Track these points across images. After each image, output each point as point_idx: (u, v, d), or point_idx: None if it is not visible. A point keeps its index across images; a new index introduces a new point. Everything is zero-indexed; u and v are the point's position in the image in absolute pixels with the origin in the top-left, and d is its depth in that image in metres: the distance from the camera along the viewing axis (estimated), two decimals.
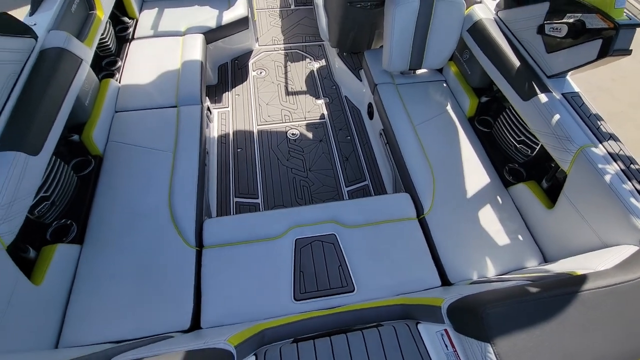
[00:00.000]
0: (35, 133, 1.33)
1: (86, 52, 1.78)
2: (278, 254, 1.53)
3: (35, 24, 1.64)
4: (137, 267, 1.46)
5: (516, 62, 1.70)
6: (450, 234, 1.64)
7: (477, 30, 1.92)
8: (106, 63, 2.27)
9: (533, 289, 0.95)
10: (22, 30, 1.49)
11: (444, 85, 2.30)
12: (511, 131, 1.85)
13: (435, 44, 2.06)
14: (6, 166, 1.18)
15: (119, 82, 2.17)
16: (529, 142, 1.75)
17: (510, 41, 1.80)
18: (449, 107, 2.16)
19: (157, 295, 1.39)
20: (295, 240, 1.56)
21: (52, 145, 1.40)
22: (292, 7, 3.55)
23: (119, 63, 2.29)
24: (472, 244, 1.61)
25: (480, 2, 2.02)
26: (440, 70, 2.39)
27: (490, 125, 2.06)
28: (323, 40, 3.07)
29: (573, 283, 0.95)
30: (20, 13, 1.69)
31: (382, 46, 2.40)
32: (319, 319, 1.24)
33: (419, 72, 2.35)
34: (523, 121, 1.71)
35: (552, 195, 1.62)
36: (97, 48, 2.19)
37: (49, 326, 1.27)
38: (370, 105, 2.46)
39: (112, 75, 2.19)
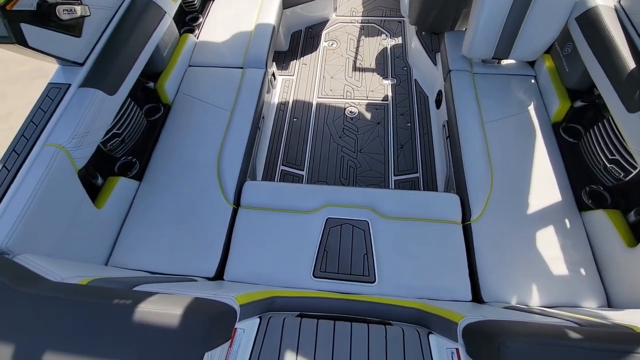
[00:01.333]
0: (114, 75, 1.48)
1: (171, 6, 1.90)
2: (307, 228, 1.54)
3: None
4: (181, 211, 1.59)
5: (631, 64, 1.37)
6: (497, 247, 1.47)
7: (588, 19, 1.59)
8: (189, 19, 2.41)
9: (575, 334, 0.80)
10: None
11: (532, 81, 1.99)
12: (604, 147, 1.54)
13: (532, 31, 1.76)
14: (86, 101, 1.34)
15: (197, 38, 2.30)
16: (623, 163, 1.45)
17: (630, 37, 1.46)
18: (531, 108, 1.87)
19: (193, 240, 1.51)
20: (327, 219, 1.55)
21: (127, 88, 1.55)
22: None
23: (200, 20, 2.41)
24: (520, 265, 1.43)
25: None
26: (531, 64, 2.07)
27: (579, 136, 1.75)
28: (403, 17, 2.85)
29: (632, 341, 0.78)
30: None
31: (465, 29, 2.15)
32: (330, 301, 1.23)
33: (504, 62, 2.06)
34: (622, 137, 1.41)
35: (638, 231, 1.34)
36: (183, 4, 2.32)
37: (102, 245, 1.47)
38: (439, 93, 2.25)
39: (192, 31, 2.32)
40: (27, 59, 1.42)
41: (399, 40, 2.85)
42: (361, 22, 2.99)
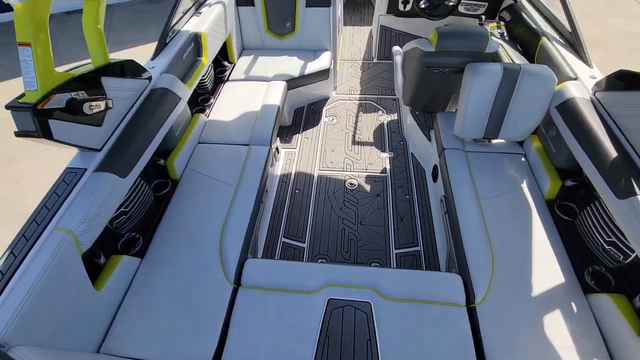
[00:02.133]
0: (128, 159, 1.57)
1: (185, 92, 2.09)
2: (309, 309, 1.50)
3: (153, 67, 1.99)
4: (180, 292, 1.56)
5: (612, 152, 1.47)
6: (504, 334, 1.41)
7: (567, 108, 1.74)
8: (201, 99, 2.63)
9: None
10: (142, 73, 1.82)
11: (522, 159, 2.10)
12: (600, 228, 1.58)
13: (517, 115, 1.92)
14: (99, 185, 1.41)
15: (207, 117, 2.48)
16: (621, 246, 1.47)
17: (608, 126, 1.58)
18: (524, 185, 1.95)
19: (190, 323, 1.46)
20: (328, 300, 1.52)
21: (139, 169, 1.64)
22: (375, 60, 3.71)
23: (212, 100, 2.62)
24: (530, 354, 1.36)
25: (576, 80, 1.84)
26: (520, 143, 2.20)
27: (574, 214, 1.79)
28: (398, 97, 3.11)
29: None
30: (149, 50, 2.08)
31: (456, 110, 2.33)
32: None
33: (494, 141, 2.20)
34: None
35: None
36: (196, 87, 2.55)
37: (98, 330, 1.42)
38: (435, 167, 2.36)
39: (203, 111, 2.52)
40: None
41: (394, 116, 3.07)
42: (359, 100, 3.25)
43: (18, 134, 1.27)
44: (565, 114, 1.74)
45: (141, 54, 5.49)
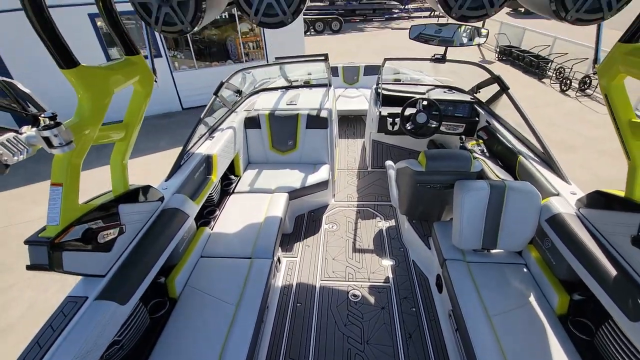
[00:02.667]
0: (130, 284, 1.57)
1: (194, 209, 2.21)
2: None
3: (166, 189, 2.15)
4: None
5: (612, 270, 1.50)
6: None
7: (557, 223, 1.84)
8: (207, 212, 2.74)
9: None
10: (156, 197, 1.96)
11: (525, 270, 2.10)
12: (621, 351, 1.49)
13: (510, 228, 2.00)
14: (97, 316, 1.37)
15: (212, 229, 2.55)
16: None
17: (600, 243, 1.65)
18: (532, 299, 1.91)
19: None
20: None
21: (140, 293, 1.61)
22: (369, 169, 4.01)
23: (217, 212, 2.74)
24: None
25: (558, 195, 1.99)
26: (519, 253, 2.24)
27: (591, 332, 1.71)
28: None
29: None
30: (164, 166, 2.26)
31: (452, 218, 2.44)
32: None
33: (493, 251, 2.24)
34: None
35: None
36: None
37: None
38: (438, 277, 2.33)
39: (208, 223, 2.61)
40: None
41: (392, 222, 3.17)
42: (357, 207, 3.40)
43: (30, 267, 1.29)
44: (557, 228, 1.83)
45: (152, 161, 5.93)
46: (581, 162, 5.55)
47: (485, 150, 2.79)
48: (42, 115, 1.23)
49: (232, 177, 3.17)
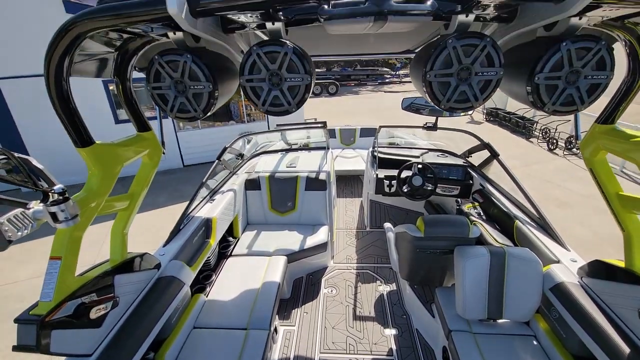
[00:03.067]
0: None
1: (190, 277, 2.15)
2: None
3: (163, 254, 2.12)
4: None
5: (625, 348, 1.44)
6: None
7: (562, 292, 1.80)
8: (203, 277, 2.67)
9: None
10: (153, 265, 1.93)
11: (534, 342, 2.00)
12: None
13: (514, 296, 1.95)
14: None
15: (207, 296, 2.46)
16: None
17: (608, 316, 1.60)
18: None
19: None
20: None
21: None
22: (368, 229, 4.01)
23: (213, 277, 2.66)
24: None
25: (559, 262, 1.98)
26: (526, 322, 2.15)
27: None
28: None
29: None
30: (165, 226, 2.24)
31: (454, 284, 2.38)
32: None
33: (500, 321, 2.15)
34: None
35: None
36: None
37: None
38: (445, 350, 2.20)
39: (203, 289, 2.52)
40: (26, 295, 1.41)
41: (393, 286, 3.08)
42: (357, 269, 3.33)
43: (16, 348, 1.23)
44: (562, 297, 1.79)
45: (149, 217, 5.90)
46: (579, 219, 5.58)
47: (481, 213, 2.83)
48: (52, 191, 1.27)
49: (230, 238, 3.15)
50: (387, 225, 2.92)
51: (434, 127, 3.07)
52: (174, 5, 0.89)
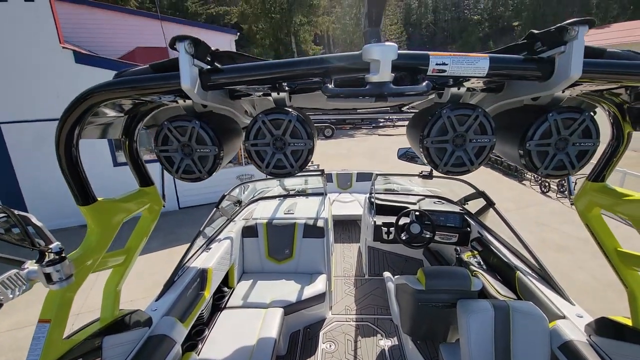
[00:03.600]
0: None
1: (182, 334, 2.05)
2: None
3: (155, 310, 2.03)
4: None
5: None
6: None
7: (571, 352, 1.73)
8: (195, 332, 2.54)
9: None
10: (144, 322, 1.84)
11: None
12: None
13: (522, 354, 1.87)
14: None
15: (199, 354, 2.32)
16: None
17: None
18: None
19: None
20: None
21: None
22: (366, 276, 3.92)
23: (206, 333, 2.53)
24: None
25: (564, 318, 1.93)
26: None
27: None
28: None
29: None
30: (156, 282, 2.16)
31: (458, 339, 2.28)
32: None
33: None
34: None
35: None
36: None
37: None
38: None
39: (194, 347, 2.38)
40: (5, 347, 1.31)
41: (394, 340, 2.94)
42: (356, 321, 3.19)
43: None
44: (571, 357, 1.72)
45: (142, 262, 5.71)
46: (578, 264, 5.53)
47: (481, 263, 2.80)
48: (49, 250, 1.25)
49: (225, 289, 3.05)
50: (387, 274, 2.86)
51: (429, 176, 3.14)
52: (187, 82, 0.95)
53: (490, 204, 3.01)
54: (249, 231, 3.36)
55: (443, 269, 2.31)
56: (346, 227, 5.38)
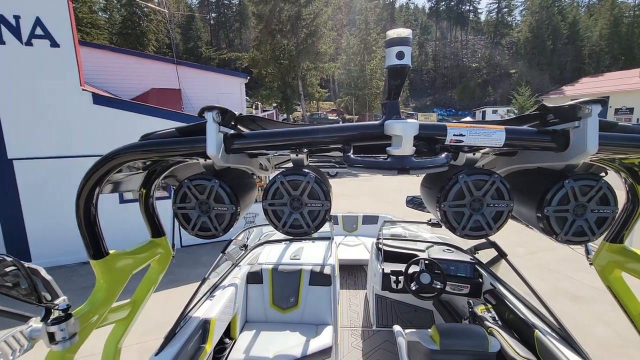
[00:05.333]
0: None
1: None
2: None
3: None
4: None
5: None
6: None
7: None
8: None
9: None
10: None
11: None
12: None
13: None
14: None
15: None
16: None
17: None
18: None
19: None
20: None
21: None
22: (374, 327, 3.73)
23: None
24: None
25: None
26: None
27: None
28: None
29: None
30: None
31: None
32: None
33: None
34: None
35: None
36: None
37: None
38: None
39: None
40: None
41: None
42: None
43: None
44: None
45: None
46: (596, 316, 5.25)
47: (496, 318, 2.66)
48: (56, 307, 1.21)
49: (227, 340, 2.90)
50: (397, 328, 2.73)
51: (438, 224, 3.10)
52: (213, 149, 0.98)
53: (501, 254, 2.94)
54: (253, 277, 3.27)
55: (458, 327, 2.20)
56: (352, 272, 5.23)
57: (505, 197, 1.10)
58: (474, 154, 1.14)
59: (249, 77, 15.45)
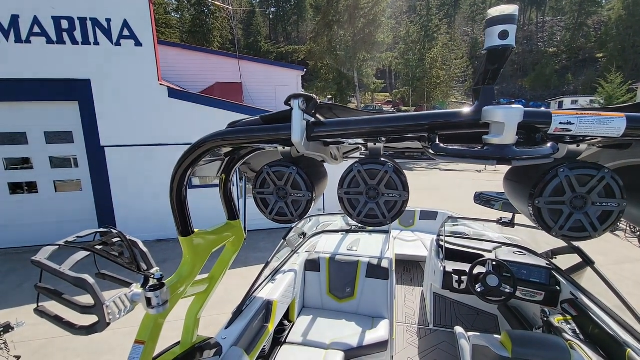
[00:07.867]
0: None
1: None
2: None
3: (225, 338, 2.08)
4: None
5: None
6: None
7: None
8: None
9: None
10: (216, 352, 1.89)
11: None
12: None
13: None
14: None
15: None
16: None
17: None
18: None
19: None
20: None
21: None
22: (431, 326, 3.60)
23: None
24: None
25: None
26: None
27: None
28: None
29: None
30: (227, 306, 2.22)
31: None
32: None
33: None
34: None
35: None
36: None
37: None
38: None
39: None
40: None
41: None
42: None
43: None
44: None
45: None
46: None
47: (577, 331, 2.39)
48: (152, 276, 1.36)
49: (286, 322, 3.03)
50: (459, 330, 2.59)
51: (510, 224, 2.85)
52: (298, 136, 1.01)
53: (587, 262, 2.61)
54: (311, 265, 3.35)
55: (534, 336, 2.02)
56: (407, 268, 5.09)
57: (617, 195, 0.97)
58: (577, 146, 1.01)
59: (305, 70, 15.64)
